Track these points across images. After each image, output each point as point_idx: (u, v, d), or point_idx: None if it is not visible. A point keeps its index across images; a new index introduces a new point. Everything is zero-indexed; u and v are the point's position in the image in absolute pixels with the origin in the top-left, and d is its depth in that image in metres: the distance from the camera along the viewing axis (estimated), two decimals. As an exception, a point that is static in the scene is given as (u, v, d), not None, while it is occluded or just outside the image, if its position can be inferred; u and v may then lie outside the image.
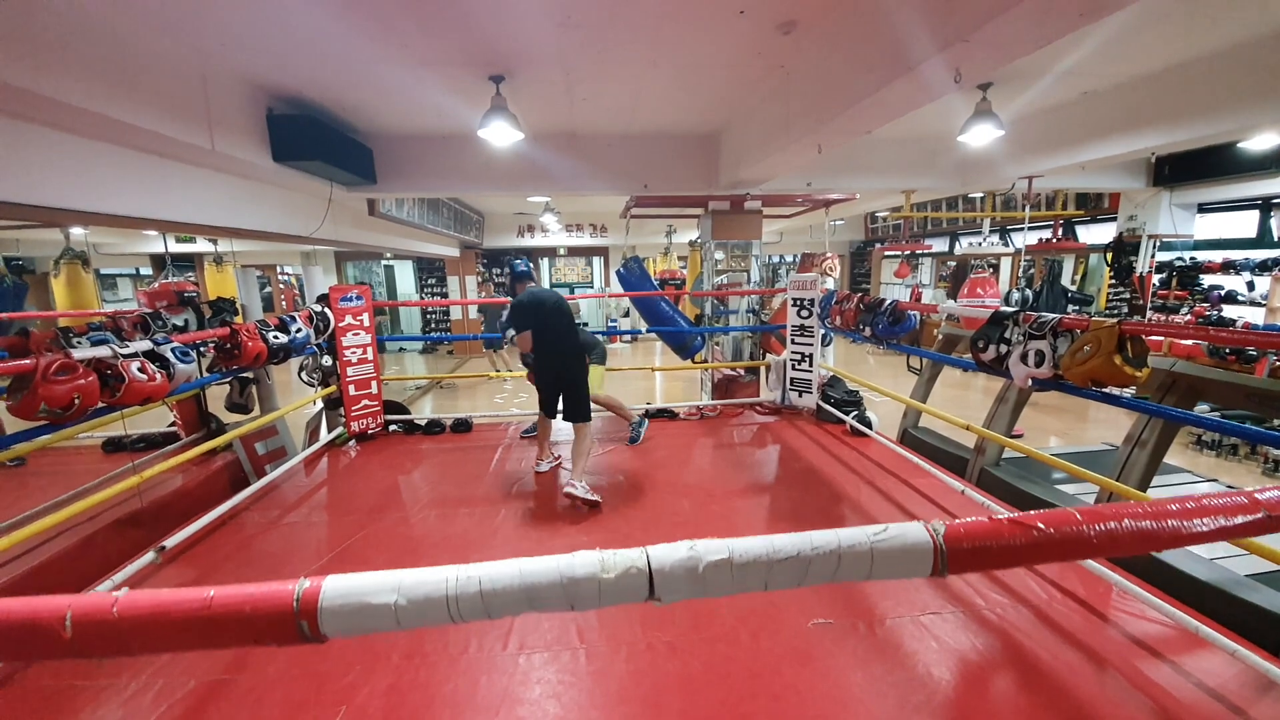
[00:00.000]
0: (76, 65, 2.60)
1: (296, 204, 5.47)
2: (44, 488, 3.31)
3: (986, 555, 0.64)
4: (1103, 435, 6.38)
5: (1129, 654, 1.97)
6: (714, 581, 0.67)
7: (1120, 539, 0.63)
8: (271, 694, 1.86)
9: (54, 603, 0.60)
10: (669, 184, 5.51)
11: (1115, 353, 2.17)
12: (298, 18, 2.86)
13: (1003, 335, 2.58)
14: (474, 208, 11.53)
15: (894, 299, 3.74)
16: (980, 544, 0.65)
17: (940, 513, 3.07)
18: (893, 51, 2.57)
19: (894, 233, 13.23)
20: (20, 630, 0.58)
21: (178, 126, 3.18)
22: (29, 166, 3.00)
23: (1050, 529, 0.62)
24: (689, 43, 3.26)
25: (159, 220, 4.08)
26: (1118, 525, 0.62)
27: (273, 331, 3.51)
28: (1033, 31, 2.18)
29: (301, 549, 2.92)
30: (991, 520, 0.67)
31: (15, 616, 0.58)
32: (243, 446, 3.92)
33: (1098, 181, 6.98)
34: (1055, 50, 2.45)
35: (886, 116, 3.12)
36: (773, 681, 1.88)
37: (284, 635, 0.64)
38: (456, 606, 0.67)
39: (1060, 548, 0.62)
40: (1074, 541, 0.62)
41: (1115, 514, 0.64)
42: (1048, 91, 4.43)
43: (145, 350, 2.56)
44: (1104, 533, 0.63)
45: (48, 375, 2.14)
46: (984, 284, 6.51)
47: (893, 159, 5.63)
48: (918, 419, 4.69)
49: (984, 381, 9.18)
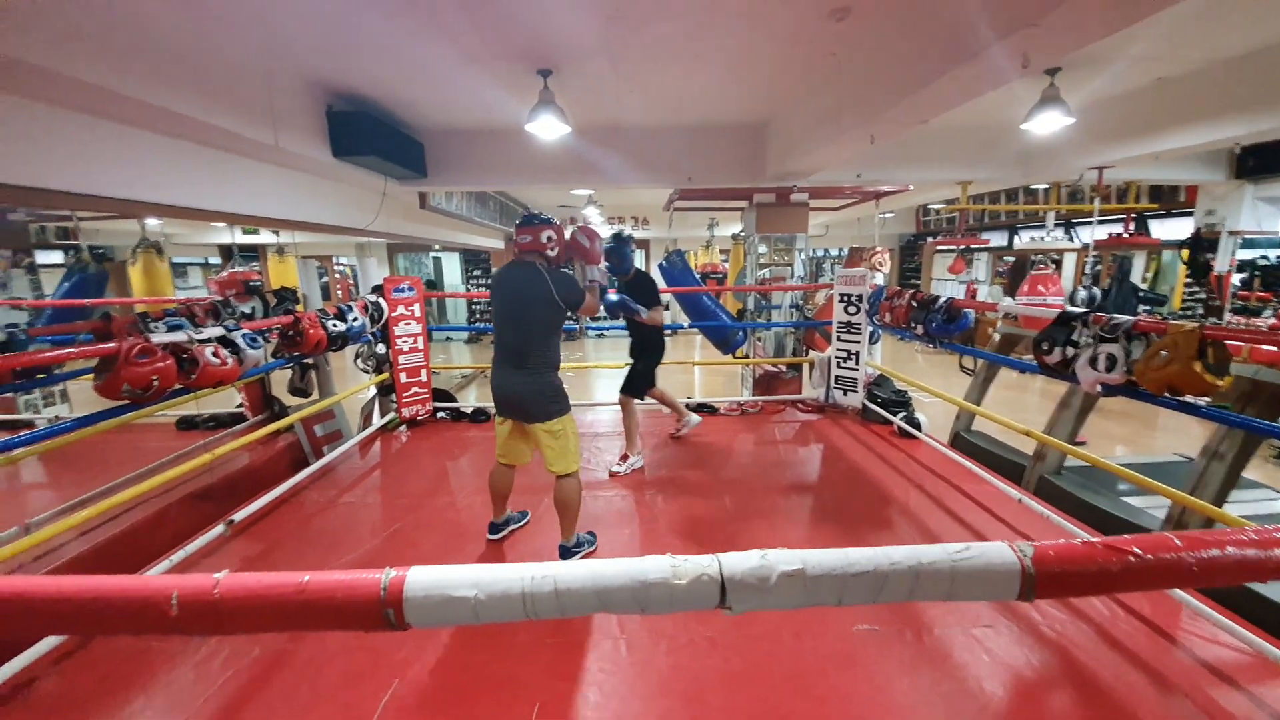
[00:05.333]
0: (154, 65, 2.76)
1: (352, 197, 5.67)
2: (124, 462, 3.55)
3: (1077, 581, 0.61)
4: (1173, 445, 6.01)
5: (1200, 680, 1.86)
6: (786, 592, 0.66)
7: (1223, 568, 0.58)
8: (331, 665, 1.96)
9: (161, 582, 0.66)
10: (714, 176, 5.46)
11: (1195, 359, 2.03)
12: (358, 18, 2.95)
13: (1070, 337, 2.45)
14: (519, 201, 11.70)
15: (949, 296, 3.61)
16: (1071, 568, 0.62)
17: (995, 522, 2.96)
18: (955, 36, 2.46)
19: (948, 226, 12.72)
20: (132, 607, 0.64)
21: (245, 123, 3.34)
22: (109, 161, 3.20)
23: (1148, 555, 0.58)
24: (738, 31, 3.20)
25: (227, 213, 4.31)
26: (1220, 554, 0.58)
27: (331, 320, 3.66)
28: (1109, 14, 2.05)
29: (357, 528, 3.05)
30: (1083, 543, 0.63)
31: (128, 594, 0.63)
32: (303, 429, 4.12)
33: (1174, 173, 6.53)
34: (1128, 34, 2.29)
35: (946, 105, 3.00)
36: (816, 683, 1.85)
37: (371, 622, 0.68)
38: (532, 604, 0.69)
39: (1157, 576, 0.58)
40: (1172, 569, 0.58)
41: (1217, 541, 0.59)
42: (1120, 77, 4.17)
43: (218, 336, 2.71)
44: (1205, 561, 0.58)
45: (130, 358, 2.29)
46: (1046, 281, 6.18)
47: (950, 148, 5.40)
48: (971, 422, 4.52)
49: (1042, 384, 8.76)
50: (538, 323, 2.44)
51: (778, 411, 5.05)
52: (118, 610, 0.64)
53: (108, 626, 0.76)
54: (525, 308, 2.42)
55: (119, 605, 0.64)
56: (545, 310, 2.41)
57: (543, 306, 2.40)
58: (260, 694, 1.85)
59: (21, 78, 2.37)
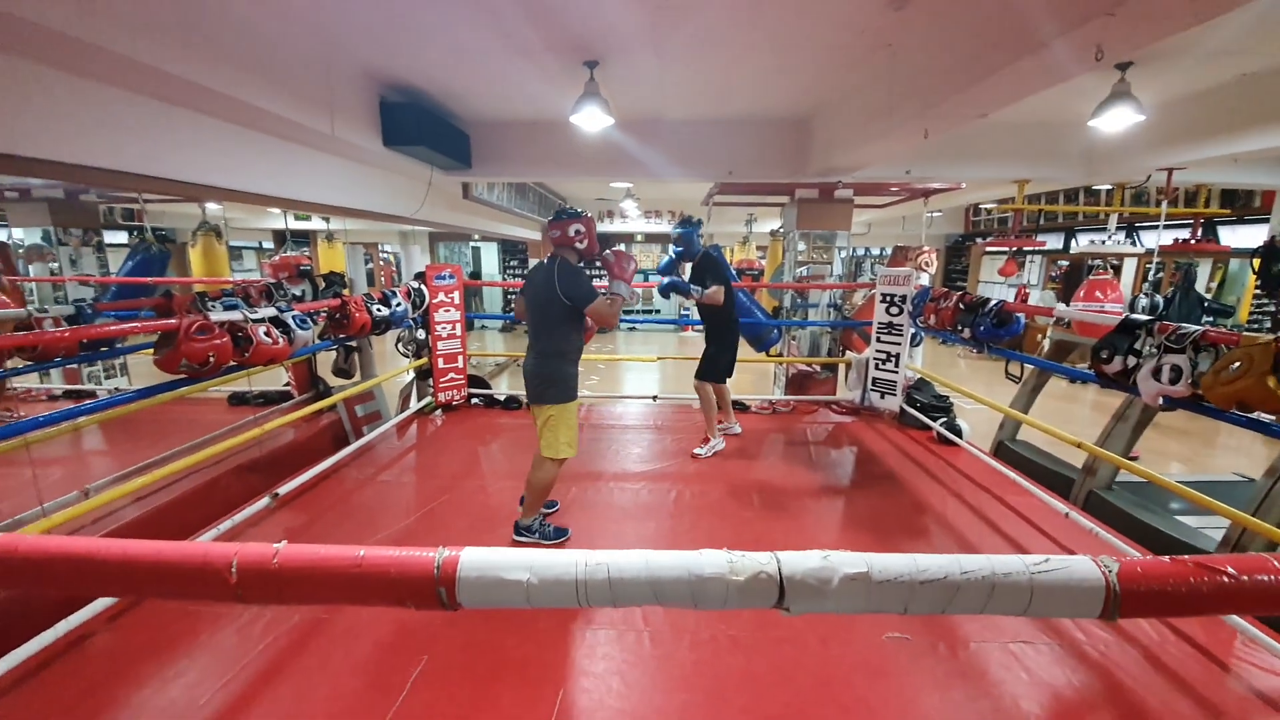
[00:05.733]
0: (225, 55, 2.87)
1: (400, 186, 5.79)
2: (179, 433, 3.74)
3: (1166, 600, 0.57)
4: (1233, 464, 5.65)
5: (1253, 712, 1.75)
6: (847, 596, 0.63)
7: None
8: (366, 634, 2.02)
9: (222, 549, 0.68)
10: (756, 171, 5.37)
11: (1270, 373, 1.90)
12: (414, 10, 3.01)
13: (1132, 346, 2.32)
14: (557, 193, 11.79)
15: (999, 299, 3.46)
16: (1159, 587, 0.57)
17: (1039, 536, 2.84)
18: (1022, 26, 2.34)
19: (1000, 226, 12.22)
20: (194, 572, 0.66)
21: (304, 112, 3.45)
22: (181, 146, 3.34)
23: (1243, 576, 0.54)
24: (789, 21, 3.13)
25: (283, 198, 4.46)
26: None
27: (376, 305, 3.77)
28: (1192, 4, 1.92)
29: (393, 505, 3.14)
30: (1173, 560, 0.60)
31: (190, 560, 0.66)
32: (345, 408, 4.26)
33: (1250, 177, 6.09)
34: (1209, 26, 2.13)
35: (1008, 99, 2.86)
36: (842, 692, 1.82)
37: (424, 600, 0.68)
38: (585, 591, 0.68)
39: (1254, 599, 0.53)
40: (1270, 593, 0.53)
41: (1322, 563, 0.54)
42: (1198, 72, 3.90)
43: (270, 316, 2.82)
44: None
45: (189, 334, 2.40)
46: (1105, 287, 5.86)
47: (1008, 145, 5.17)
48: (1015, 431, 4.35)
49: (1094, 395, 8.36)
50: (543, 312, 2.68)
51: (810, 412, 4.97)
52: (179, 574, 0.66)
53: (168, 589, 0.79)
54: (535, 298, 2.69)
55: (180, 569, 0.66)
56: (549, 301, 2.62)
57: (547, 297, 2.62)
58: (297, 659, 1.93)
59: (98, 63, 2.49)
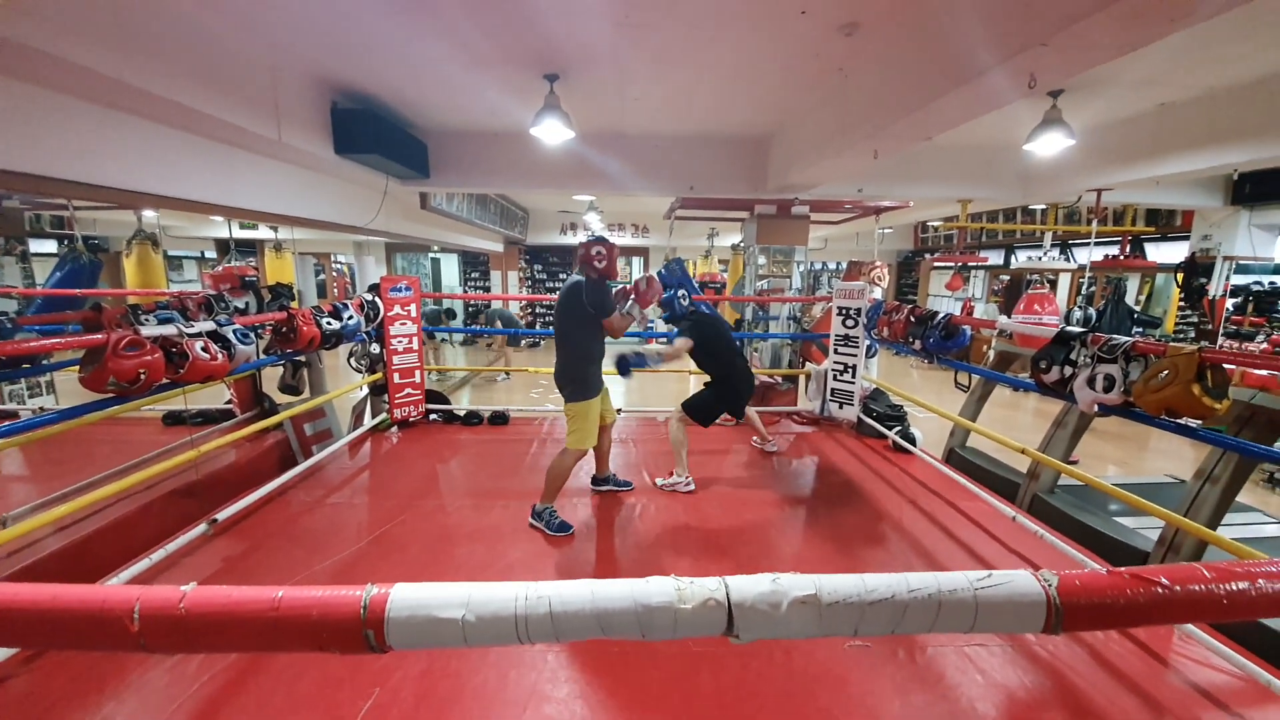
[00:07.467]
0: (163, 57, 2.73)
1: (353, 195, 5.64)
2: (107, 456, 3.48)
3: (1105, 613, 0.58)
4: (1164, 466, 6.01)
5: (1192, 704, 1.84)
6: (798, 621, 0.62)
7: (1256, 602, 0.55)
8: (310, 670, 1.91)
9: (123, 594, 0.61)
10: (716, 186, 5.46)
11: (1194, 381, 2.03)
12: (366, 16, 2.94)
13: (1068, 356, 2.44)
14: (520, 204, 11.70)
15: (947, 312, 3.60)
16: (1098, 600, 0.58)
17: (990, 540, 2.94)
18: (963, 55, 2.47)
19: (946, 243, 12.79)
20: (89, 620, 0.59)
21: (249, 117, 3.31)
22: (115, 152, 3.17)
23: (1175, 586, 0.55)
24: (747, 43, 3.21)
25: (226, 206, 4.26)
26: (1252, 587, 0.55)
27: (326, 318, 3.62)
28: (1118, 37, 2.07)
29: (343, 529, 3.00)
30: (1110, 573, 0.61)
31: (87, 605, 0.58)
32: (292, 427, 4.06)
33: (1171, 198, 6.58)
34: (1133, 57, 2.31)
35: (950, 122, 3.01)
36: (806, 704, 1.82)
37: (349, 644, 0.63)
38: (525, 627, 0.64)
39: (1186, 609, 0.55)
40: (1204, 603, 0.55)
41: (1248, 573, 0.57)
42: (1122, 101, 4.20)
43: (209, 330, 2.67)
44: (1237, 594, 0.55)
45: (118, 350, 2.25)
46: (1042, 300, 6.20)
47: (951, 167, 5.43)
48: (965, 438, 4.51)
49: (1035, 403, 8.77)
50: (566, 318, 3.00)
51: (772, 423, 5.03)
52: (74, 623, 0.59)
53: (63, 640, 0.70)
54: (561, 305, 3.01)
55: (76, 617, 0.59)
56: (573, 308, 2.95)
57: (571, 305, 2.95)
58: (236, 699, 1.80)
59: (26, 62, 2.34)
